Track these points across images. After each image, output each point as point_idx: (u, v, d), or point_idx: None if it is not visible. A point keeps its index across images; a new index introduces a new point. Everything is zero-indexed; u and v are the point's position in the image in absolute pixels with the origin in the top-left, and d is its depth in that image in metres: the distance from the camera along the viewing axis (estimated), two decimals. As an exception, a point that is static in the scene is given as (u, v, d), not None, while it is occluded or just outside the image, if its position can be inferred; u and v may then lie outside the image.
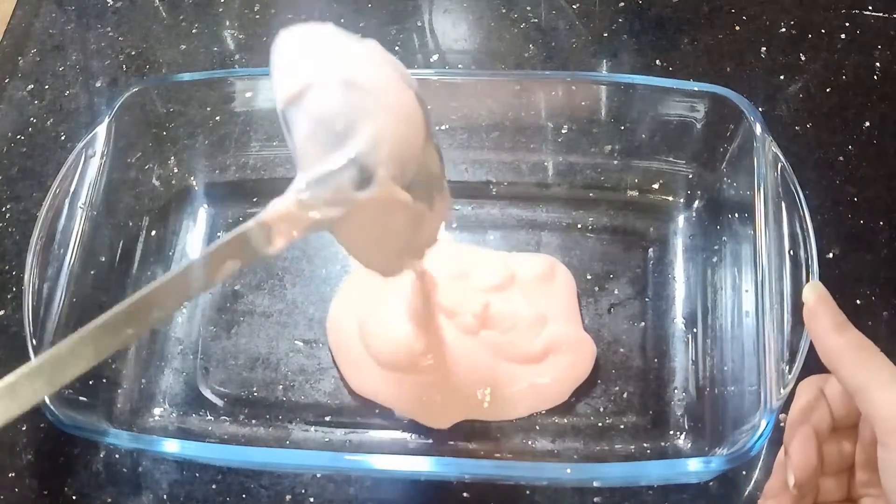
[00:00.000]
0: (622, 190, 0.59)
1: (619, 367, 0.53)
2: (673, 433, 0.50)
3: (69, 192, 0.50)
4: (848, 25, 0.65)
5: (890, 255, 0.55)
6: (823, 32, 0.65)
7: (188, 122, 0.58)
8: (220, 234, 0.59)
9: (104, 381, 0.51)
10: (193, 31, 0.69)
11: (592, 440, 0.51)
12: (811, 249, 0.44)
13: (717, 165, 0.54)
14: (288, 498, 0.50)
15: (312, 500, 0.50)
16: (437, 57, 0.67)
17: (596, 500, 0.49)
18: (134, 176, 0.57)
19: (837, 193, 0.57)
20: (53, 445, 0.52)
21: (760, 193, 0.47)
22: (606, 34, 0.66)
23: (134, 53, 0.68)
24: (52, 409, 0.44)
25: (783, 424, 0.37)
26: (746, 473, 0.49)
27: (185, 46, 0.68)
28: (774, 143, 0.48)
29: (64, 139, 0.64)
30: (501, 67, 0.65)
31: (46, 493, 0.51)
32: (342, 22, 0.68)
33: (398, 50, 0.67)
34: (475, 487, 0.49)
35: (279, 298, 0.57)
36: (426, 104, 0.38)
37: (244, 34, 0.68)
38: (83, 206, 0.50)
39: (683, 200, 0.58)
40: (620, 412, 0.51)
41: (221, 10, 0.70)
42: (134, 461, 0.51)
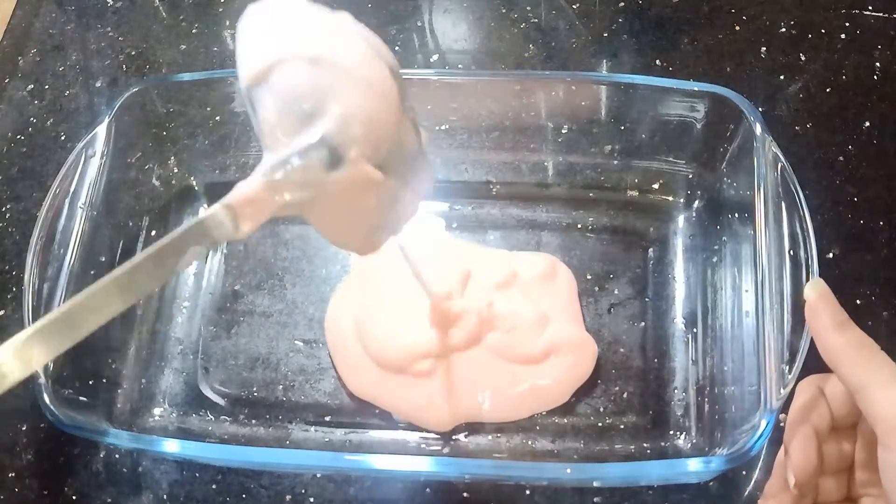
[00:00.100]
0: (622, 190, 0.59)
1: (619, 367, 0.53)
2: (673, 433, 0.50)
3: (69, 192, 0.50)
4: (848, 25, 0.65)
5: (890, 255, 0.55)
6: (823, 32, 0.65)
7: (188, 122, 0.58)
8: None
9: (104, 381, 0.51)
10: (193, 31, 0.69)
11: (592, 440, 0.51)
12: (811, 249, 0.44)
13: (717, 165, 0.54)
14: (288, 498, 0.50)
15: (312, 500, 0.50)
16: (437, 57, 0.67)
17: (596, 500, 0.49)
18: (134, 176, 0.57)
19: (837, 193, 0.57)
20: (53, 445, 0.52)
21: (760, 193, 0.47)
22: (606, 34, 0.66)
23: (134, 53, 0.68)
24: (52, 409, 0.44)
25: (783, 424, 0.37)
26: (746, 473, 0.49)
27: (185, 46, 0.68)
28: (774, 143, 0.48)
29: (64, 139, 0.64)
30: (501, 67, 0.65)
31: (46, 493, 0.51)
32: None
33: (398, 50, 0.67)
34: (475, 487, 0.49)
35: (279, 298, 0.57)
36: (402, 78, 0.36)
37: (244, 34, 0.68)
38: (83, 206, 0.50)
39: (683, 200, 0.58)
40: (620, 412, 0.51)
41: (221, 10, 0.70)
42: (134, 461, 0.51)
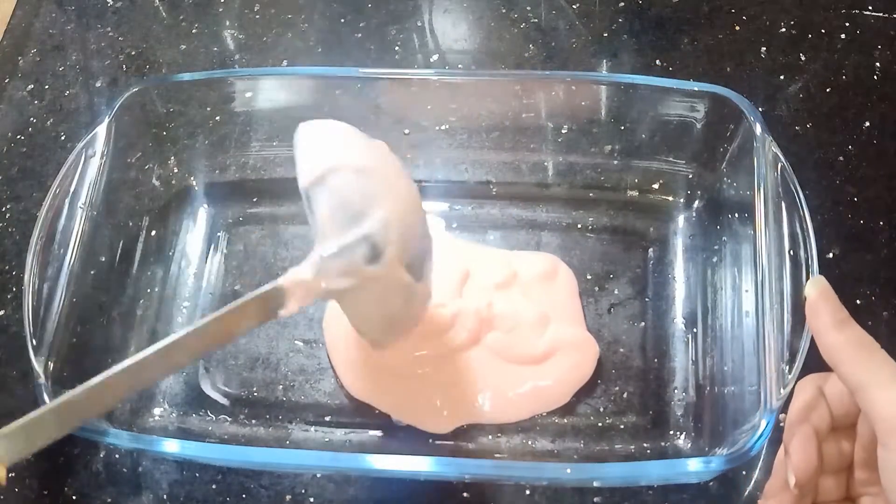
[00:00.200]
0: (622, 190, 0.59)
1: (619, 367, 0.53)
2: (673, 433, 0.50)
3: (69, 192, 0.50)
4: (848, 25, 0.65)
5: (890, 255, 0.55)
6: (823, 32, 0.65)
7: (188, 122, 0.58)
8: (219, 234, 0.59)
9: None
10: (193, 31, 0.69)
11: (592, 440, 0.51)
12: (811, 249, 0.44)
13: (717, 165, 0.54)
14: (288, 498, 0.50)
15: (312, 500, 0.50)
16: (437, 57, 0.67)
17: (596, 500, 0.49)
18: (134, 176, 0.57)
19: (837, 193, 0.57)
20: (53, 445, 0.51)
21: (760, 193, 0.47)
22: (606, 34, 0.66)
23: (134, 53, 0.68)
24: (52, 408, 0.43)
25: (783, 424, 0.37)
26: (746, 473, 0.49)
27: (185, 46, 0.68)
28: (774, 143, 0.48)
29: (64, 139, 0.64)
30: (501, 67, 0.65)
31: (46, 493, 0.51)
32: (342, 22, 0.68)
33: (398, 50, 0.67)
34: (475, 487, 0.49)
35: (279, 298, 0.56)
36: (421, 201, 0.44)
37: (244, 34, 0.68)
38: (83, 206, 0.50)
39: (683, 200, 0.58)
40: (620, 412, 0.51)
41: (221, 10, 0.70)
42: (134, 461, 0.51)
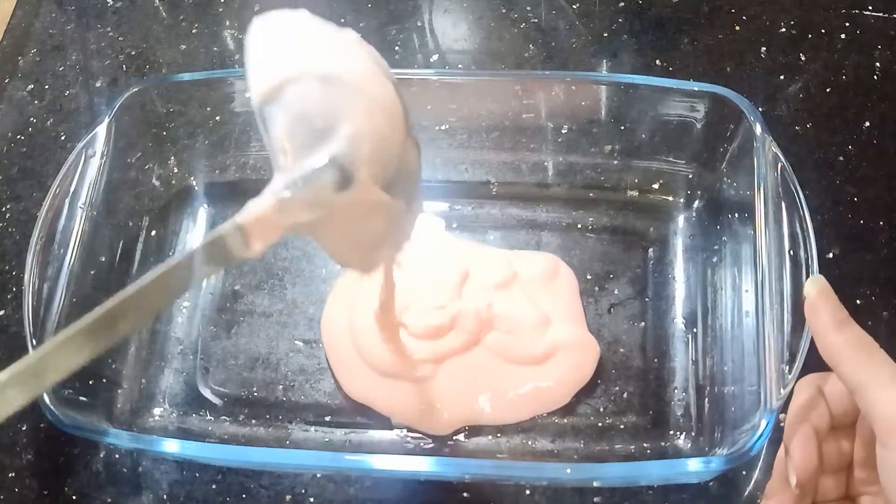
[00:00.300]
0: (622, 190, 0.59)
1: (619, 367, 0.53)
2: (673, 433, 0.50)
3: (69, 192, 0.50)
4: (848, 25, 0.65)
5: (890, 255, 0.55)
6: (823, 32, 0.65)
7: (188, 122, 0.58)
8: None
9: (104, 381, 0.51)
10: (193, 31, 0.69)
11: (592, 440, 0.51)
12: (811, 249, 0.44)
13: (717, 165, 0.54)
14: (288, 498, 0.50)
15: (312, 500, 0.50)
16: (437, 57, 0.67)
17: (596, 500, 0.49)
18: (134, 176, 0.57)
19: (837, 193, 0.57)
20: (53, 445, 0.52)
21: (760, 193, 0.47)
22: (606, 34, 0.66)
23: (134, 53, 0.68)
24: (52, 409, 0.43)
25: (783, 424, 0.37)
26: (746, 473, 0.49)
27: (185, 46, 0.68)
28: (774, 143, 0.48)
29: (64, 139, 0.64)
30: (501, 67, 0.65)
31: (46, 493, 0.51)
32: (342, 22, 0.68)
33: (398, 50, 0.67)
34: (475, 487, 0.49)
35: (279, 298, 0.57)
36: (404, 98, 0.36)
37: (244, 34, 0.68)
38: (83, 206, 0.50)
39: (683, 200, 0.58)
40: (620, 412, 0.51)
41: (221, 10, 0.70)
42: (134, 461, 0.51)
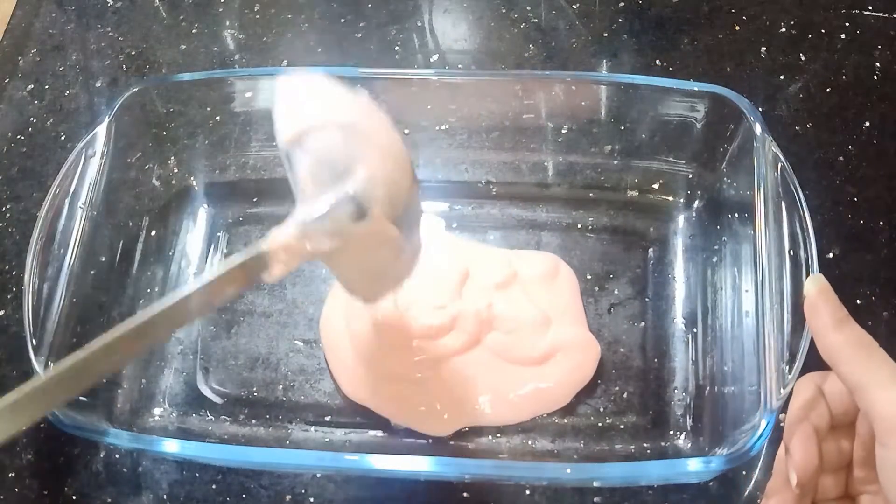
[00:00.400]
0: (622, 190, 0.59)
1: (619, 367, 0.53)
2: (673, 433, 0.50)
3: (69, 192, 0.50)
4: (848, 25, 0.65)
5: (890, 255, 0.55)
6: (823, 32, 0.65)
7: (188, 122, 0.58)
8: (219, 234, 0.59)
9: (104, 381, 0.51)
10: (193, 31, 0.69)
11: (592, 440, 0.51)
12: (811, 249, 0.44)
13: (717, 165, 0.54)
14: (288, 498, 0.50)
15: (312, 500, 0.50)
16: (437, 57, 0.67)
17: (596, 500, 0.49)
18: (134, 176, 0.57)
19: (837, 193, 0.57)
20: (53, 445, 0.52)
21: (760, 193, 0.47)
22: (606, 34, 0.66)
23: (134, 53, 0.68)
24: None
25: (783, 424, 0.37)
26: (746, 473, 0.49)
27: (185, 46, 0.68)
28: (774, 143, 0.48)
29: (64, 139, 0.64)
30: (501, 67, 0.65)
31: (46, 493, 0.51)
32: (342, 22, 0.68)
33: (398, 50, 0.67)
34: (475, 487, 0.49)
35: (279, 298, 0.57)
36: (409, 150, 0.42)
37: (244, 34, 0.68)
38: (83, 206, 0.50)
39: (683, 200, 0.58)
40: (620, 412, 0.51)
41: (221, 10, 0.70)
42: (134, 461, 0.51)
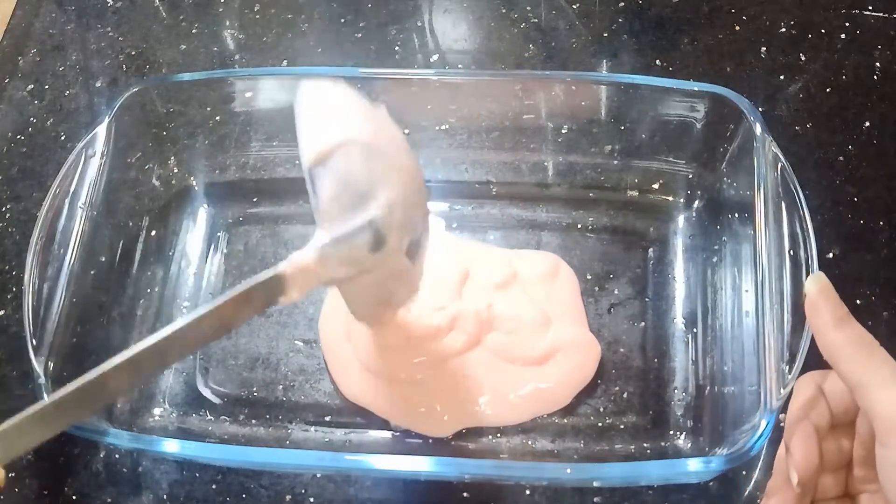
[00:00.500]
0: (622, 190, 0.59)
1: (619, 367, 0.53)
2: (673, 433, 0.50)
3: (69, 192, 0.50)
4: (848, 25, 0.65)
5: (890, 255, 0.55)
6: (823, 32, 0.65)
7: (188, 122, 0.58)
8: (219, 234, 0.59)
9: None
10: (193, 31, 0.69)
11: (592, 440, 0.51)
12: (811, 249, 0.44)
13: (717, 165, 0.54)
14: (288, 498, 0.50)
15: (312, 500, 0.50)
16: (437, 57, 0.67)
17: (596, 500, 0.49)
18: (134, 176, 0.57)
19: (837, 193, 0.57)
20: (53, 445, 0.51)
21: (760, 193, 0.47)
22: (606, 34, 0.66)
23: (134, 53, 0.68)
24: (52, 408, 0.43)
25: (783, 424, 0.37)
26: (746, 473, 0.49)
27: (185, 46, 0.68)
28: (774, 143, 0.48)
29: (64, 139, 0.64)
30: (501, 67, 0.65)
31: (46, 493, 0.51)
32: (342, 22, 0.68)
33: (398, 50, 0.67)
34: (475, 487, 0.49)
35: (279, 298, 0.56)
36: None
37: (244, 34, 0.68)
38: (83, 206, 0.50)
39: (683, 200, 0.58)
40: (620, 412, 0.51)
41: (221, 10, 0.70)
42: (134, 461, 0.51)
